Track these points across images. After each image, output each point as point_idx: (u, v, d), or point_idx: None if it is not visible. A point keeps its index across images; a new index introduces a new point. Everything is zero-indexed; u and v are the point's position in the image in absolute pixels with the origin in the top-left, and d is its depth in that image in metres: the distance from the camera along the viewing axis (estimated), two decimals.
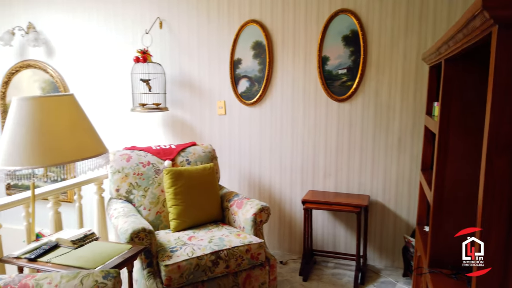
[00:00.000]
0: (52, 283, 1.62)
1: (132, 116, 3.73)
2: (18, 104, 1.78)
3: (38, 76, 4.01)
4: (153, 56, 3.48)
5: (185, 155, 3.03)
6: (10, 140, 1.75)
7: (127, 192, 2.76)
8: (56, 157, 1.77)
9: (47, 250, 2.04)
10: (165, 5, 3.55)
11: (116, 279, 1.68)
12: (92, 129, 2.02)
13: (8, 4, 4.02)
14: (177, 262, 2.23)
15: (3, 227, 2.22)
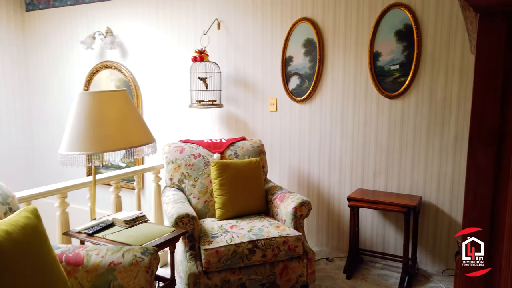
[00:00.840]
0: (99, 254, 1.86)
1: (189, 112, 4.00)
2: (79, 98, 2.08)
3: (114, 76, 4.48)
4: (210, 56, 3.69)
5: (234, 149, 3.19)
6: (72, 129, 2.04)
7: (179, 181, 3.00)
8: (108, 144, 2.02)
9: (103, 228, 2.33)
10: (223, 7, 3.74)
11: (152, 255, 1.87)
12: (141, 121, 2.26)
13: (90, 12, 4.54)
14: (215, 247, 2.39)
15: (71, 206, 2.57)
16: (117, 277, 1.81)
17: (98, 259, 1.84)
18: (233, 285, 2.44)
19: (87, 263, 1.83)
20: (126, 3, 4.28)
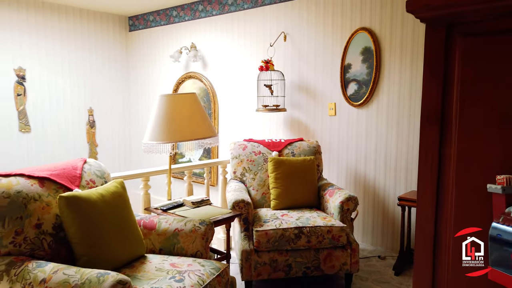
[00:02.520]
0: (168, 222, 2.34)
1: (256, 115, 4.44)
2: (159, 99, 2.62)
3: (196, 85, 5.13)
4: (275, 65, 4.10)
5: (291, 148, 3.52)
6: (152, 123, 2.59)
7: (241, 174, 3.42)
8: (178, 136, 2.52)
9: (175, 206, 2.84)
10: (289, 21, 4.13)
11: (208, 226, 2.30)
12: (206, 118, 2.73)
13: (179, 30, 5.27)
14: (265, 230, 2.74)
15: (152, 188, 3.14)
16: (179, 241, 2.27)
17: (167, 226, 2.32)
18: (280, 264, 2.77)
19: (158, 228, 2.32)
20: (207, 21, 4.91)
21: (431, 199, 1.14)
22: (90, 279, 1.57)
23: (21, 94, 4.98)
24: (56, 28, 5.26)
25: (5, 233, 1.75)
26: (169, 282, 1.86)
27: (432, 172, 1.13)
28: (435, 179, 1.13)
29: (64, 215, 1.87)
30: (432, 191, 1.13)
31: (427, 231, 1.17)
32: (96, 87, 5.73)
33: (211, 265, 2.11)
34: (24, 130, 5.03)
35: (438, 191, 1.13)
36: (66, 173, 2.15)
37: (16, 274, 1.65)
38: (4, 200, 1.78)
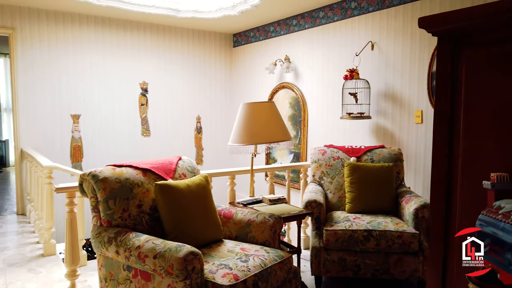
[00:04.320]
0: (243, 213, 2.69)
1: (340, 122, 4.57)
2: (241, 107, 3.01)
3: (288, 94, 5.47)
4: (360, 74, 4.20)
5: (370, 154, 3.60)
6: (236, 127, 2.99)
7: (319, 178, 3.62)
8: (257, 139, 2.87)
9: (254, 202, 3.18)
10: (377, 30, 4.20)
11: (276, 219, 2.58)
12: (282, 124, 3.02)
13: (274, 44, 5.70)
14: (335, 229, 2.91)
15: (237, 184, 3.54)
16: (252, 230, 2.59)
17: (242, 216, 2.67)
18: (349, 264, 2.90)
19: (235, 218, 2.69)
20: (300, 34, 5.23)
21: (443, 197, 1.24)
22: (170, 248, 1.99)
23: (144, 104, 5.95)
24: (173, 47, 6.15)
25: (116, 209, 2.30)
26: (235, 261, 2.19)
27: (443, 169, 1.24)
28: (445, 175, 1.23)
29: (158, 199, 2.35)
30: (443, 189, 1.22)
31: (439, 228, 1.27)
32: (203, 97, 6.49)
33: (275, 253, 2.38)
34: (145, 134, 5.99)
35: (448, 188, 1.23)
36: (163, 166, 2.66)
37: (121, 241, 2.17)
38: (117, 184, 2.33)
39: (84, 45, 5.45)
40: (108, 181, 2.30)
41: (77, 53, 5.41)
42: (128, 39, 5.78)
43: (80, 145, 5.48)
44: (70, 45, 5.35)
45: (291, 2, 4.71)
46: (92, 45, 5.51)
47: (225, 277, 2.02)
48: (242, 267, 2.12)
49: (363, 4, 4.33)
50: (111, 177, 2.33)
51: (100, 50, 5.58)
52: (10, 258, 3.66)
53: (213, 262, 2.18)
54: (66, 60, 5.34)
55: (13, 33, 4.96)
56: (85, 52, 5.46)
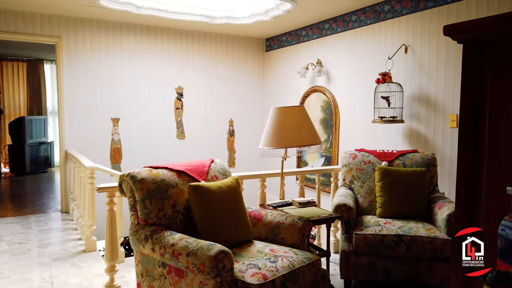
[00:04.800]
0: (272, 216, 2.76)
1: (372, 126, 4.54)
2: (272, 111, 3.08)
3: (320, 98, 5.48)
4: (393, 77, 4.16)
5: (403, 159, 3.56)
6: (267, 131, 3.06)
7: (350, 182, 3.62)
8: (287, 143, 2.93)
9: (284, 204, 3.24)
10: (411, 33, 4.15)
11: (305, 222, 2.63)
12: (312, 128, 3.06)
13: (306, 48, 5.73)
14: (364, 234, 2.91)
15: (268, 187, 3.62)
16: (281, 232, 2.65)
17: (271, 218, 2.73)
18: (379, 268, 2.89)
19: (265, 219, 2.76)
20: (332, 38, 5.24)
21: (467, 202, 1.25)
22: (202, 246, 2.08)
23: (179, 108, 6.15)
24: (207, 52, 6.33)
25: (152, 209, 2.43)
26: (264, 261, 2.26)
27: (468, 174, 1.25)
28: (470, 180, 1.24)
29: (191, 199, 2.47)
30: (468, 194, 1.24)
31: None
32: (236, 101, 6.63)
33: (304, 255, 2.43)
34: (180, 137, 6.19)
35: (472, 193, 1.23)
36: (197, 169, 2.77)
37: (156, 239, 2.29)
38: (153, 185, 2.46)
39: (124, 51, 5.72)
40: (145, 182, 2.44)
41: (117, 59, 5.68)
42: (165, 46, 6.01)
43: (119, 147, 5.75)
44: (111, 52, 5.64)
45: (323, 6, 4.74)
46: (131, 51, 5.77)
47: (254, 276, 2.09)
48: (270, 267, 2.19)
49: (396, 7, 4.29)
50: (148, 178, 2.46)
51: (139, 56, 5.83)
52: (54, 253, 3.91)
53: (242, 262, 2.26)
54: (107, 66, 5.63)
55: (59, 41, 5.29)
56: (124, 58, 5.73)
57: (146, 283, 2.42)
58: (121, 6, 4.75)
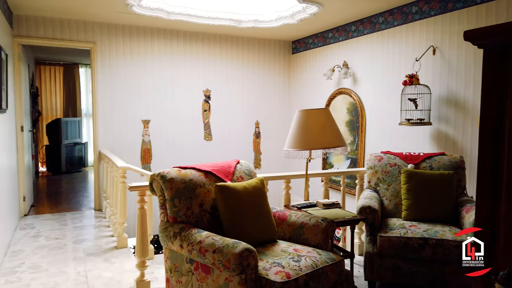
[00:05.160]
0: (297, 216, 2.81)
1: (399, 129, 4.50)
2: (297, 113, 3.14)
3: (346, 100, 5.48)
4: (420, 79, 4.12)
5: (429, 161, 3.53)
6: (291, 133, 3.12)
7: (375, 184, 3.62)
8: (311, 144, 2.97)
9: (308, 206, 3.29)
10: (439, 35, 4.10)
11: (328, 223, 2.67)
12: (337, 130, 3.09)
13: (332, 50, 5.74)
14: (389, 236, 2.92)
15: (292, 188, 3.67)
16: (304, 232, 2.70)
17: (295, 219, 2.79)
18: (403, 271, 2.89)
19: (289, 220, 2.81)
20: (359, 40, 5.23)
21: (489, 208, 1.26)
22: (228, 244, 2.17)
23: (207, 110, 6.30)
24: (234, 55, 6.45)
25: (180, 207, 2.53)
26: (288, 260, 2.32)
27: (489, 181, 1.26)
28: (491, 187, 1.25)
29: (218, 199, 2.56)
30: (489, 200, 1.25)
31: None
32: (262, 103, 6.71)
33: (327, 255, 2.47)
34: (207, 138, 6.33)
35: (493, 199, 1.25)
36: (223, 169, 2.86)
37: (184, 236, 2.39)
38: (182, 184, 2.57)
39: (154, 55, 5.92)
40: (174, 182, 2.55)
41: (147, 63, 5.89)
42: (194, 49, 6.17)
43: (149, 148, 5.95)
44: (142, 56, 5.85)
45: (349, 8, 4.75)
46: (161, 55, 5.97)
47: (277, 275, 2.15)
48: (294, 266, 2.24)
49: (424, 8, 4.25)
50: (177, 178, 2.57)
51: (168, 60, 6.02)
52: (88, 249, 4.11)
53: (267, 260, 2.32)
54: (138, 69, 5.84)
55: (94, 46, 5.54)
56: (154, 62, 5.93)
57: (175, 278, 2.53)
58: (152, 12, 4.93)
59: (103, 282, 3.29)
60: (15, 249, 4.05)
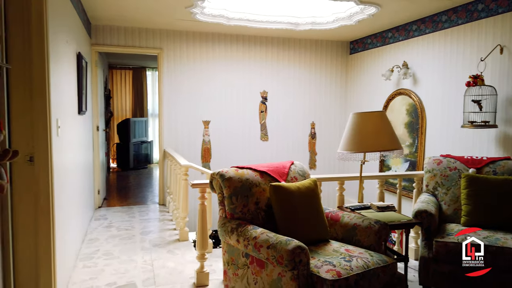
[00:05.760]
0: (349, 218, 2.86)
1: (461, 132, 4.32)
2: (351, 116, 3.18)
3: (405, 101, 5.35)
4: (485, 80, 3.93)
5: (493, 166, 3.38)
6: (345, 135, 3.17)
7: (433, 188, 3.54)
8: (365, 147, 3.00)
9: (362, 208, 3.31)
10: (508, 32, 3.89)
11: (381, 225, 2.69)
12: (391, 133, 3.08)
13: (392, 50, 5.63)
14: (445, 241, 2.86)
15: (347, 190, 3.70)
16: (357, 234, 2.75)
17: (348, 220, 2.84)
18: (459, 278, 2.81)
19: (341, 221, 2.88)
20: (420, 39, 5.09)
21: None
22: (281, 241, 2.29)
23: (263, 111, 6.47)
24: (291, 57, 6.56)
25: (237, 204, 2.71)
26: (339, 260, 2.39)
27: None
28: None
29: (272, 198, 2.69)
30: None
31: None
32: (318, 104, 6.75)
33: (379, 257, 2.50)
34: (263, 139, 6.51)
35: None
36: (278, 170, 2.99)
37: (241, 231, 2.56)
38: (239, 183, 2.74)
39: (215, 59, 6.21)
40: (232, 180, 2.73)
41: (208, 67, 6.20)
42: (252, 52, 6.37)
43: (209, 147, 6.26)
44: (204, 60, 6.16)
45: (409, 8, 4.64)
46: (222, 59, 6.24)
47: (328, 273, 2.24)
48: (345, 266, 2.31)
49: (491, 6, 4.05)
50: (235, 177, 2.75)
51: (228, 63, 6.28)
52: (154, 240, 4.45)
53: (318, 259, 2.42)
54: (200, 73, 6.17)
55: (161, 52, 5.95)
56: (216, 66, 6.22)
57: (231, 271, 2.71)
58: (214, 19, 5.19)
59: (166, 271, 3.58)
60: (91, 237, 4.51)
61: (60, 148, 2.94)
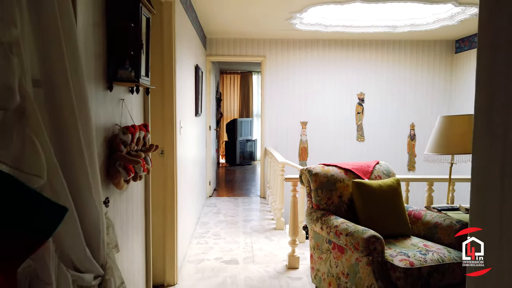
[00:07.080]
0: (431, 216, 3.01)
1: None
2: (438, 119, 3.29)
3: None
4: None
5: None
6: (432, 138, 3.29)
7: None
8: (451, 150, 3.11)
9: (449, 209, 3.38)
10: None
11: (463, 225, 2.80)
12: None
13: None
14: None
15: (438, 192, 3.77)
16: (438, 232, 2.90)
17: (430, 218, 3.00)
18: None
19: (423, 219, 3.04)
20: None
21: None
22: (358, 230, 2.61)
23: (360, 112, 6.64)
24: (390, 59, 6.60)
25: (322, 197, 3.08)
26: (414, 252, 2.61)
27: None
28: None
29: (354, 193, 3.01)
30: None
31: None
32: (418, 105, 6.64)
33: (457, 254, 2.64)
34: (360, 139, 6.68)
35: None
36: (362, 168, 3.28)
37: (324, 220, 2.93)
38: (324, 178, 3.12)
39: (314, 63, 6.61)
40: (318, 176, 3.12)
41: (308, 71, 6.61)
42: (350, 56, 6.60)
43: (306, 146, 6.68)
44: (303, 64, 6.60)
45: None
46: (320, 63, 6.61)
47: (402, 261, 2.49)
48: (419, 258, 2.53)
49: None
50: (321, 173, 3.13)
51: (326, 66, 6.61)
52: (254, 227, 5.05)
53: (394, 249, 2.67)
54: (299, 76, 6.62)
55: (264, 59, 6.57)
56: (314, 69, 6.61)
57: (317, 254, 3.10)
58: (312, 27, 5.59)
59: (263, 253, 4.12)
60: (203, 221, 5.31)
61: (181, 144, 3.68)
